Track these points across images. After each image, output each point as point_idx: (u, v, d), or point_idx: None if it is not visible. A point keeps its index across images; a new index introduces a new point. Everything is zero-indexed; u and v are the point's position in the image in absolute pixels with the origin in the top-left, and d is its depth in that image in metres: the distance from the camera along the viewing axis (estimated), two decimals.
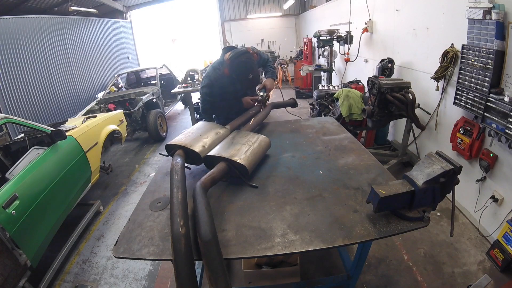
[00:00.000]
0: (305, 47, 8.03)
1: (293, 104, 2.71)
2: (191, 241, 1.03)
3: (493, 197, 2.32)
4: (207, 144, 1.70)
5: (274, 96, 5.30)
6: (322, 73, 6.60)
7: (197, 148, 1.64)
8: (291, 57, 9.75)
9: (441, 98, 2.94)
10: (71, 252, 2.75)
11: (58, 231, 2.52)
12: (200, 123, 1.98)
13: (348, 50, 5.14)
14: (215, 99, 2.32)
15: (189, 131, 1.84)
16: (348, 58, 5.11)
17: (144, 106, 5.31)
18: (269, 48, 10.53)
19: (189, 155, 1.66)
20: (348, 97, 3.58)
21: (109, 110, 5.08)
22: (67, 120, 3.79)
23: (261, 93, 2.43)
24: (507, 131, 2.01)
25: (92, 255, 2.75)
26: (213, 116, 2.59)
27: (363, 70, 4.94)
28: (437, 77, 2.80)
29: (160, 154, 1.90)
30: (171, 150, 1.71)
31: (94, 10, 7.72)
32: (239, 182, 1.56)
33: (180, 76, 7.06)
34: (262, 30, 10.56)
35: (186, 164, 1.58)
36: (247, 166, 1.52)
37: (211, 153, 1.62)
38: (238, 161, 1.52)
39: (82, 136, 3.13)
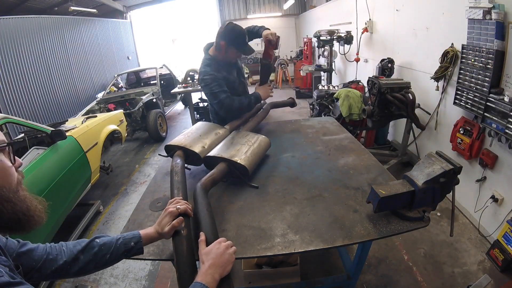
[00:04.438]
0: (305, 47, 8.03)
1: (292, 104, 2.71)
2: (192, 243, 1.03)
3: (493, 197, 2.31)
4: (207, 144, 1.70)
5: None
6: (322, 73, 6.60)
7: (197, 148, 1.64)
8: (291, 57, 9.75)
9: (441, 98, 2.94)
10: None
11: (58, 231, 2.52)
12: (200, 123, 1.98)
13: (358, 51, 5.06)
14: (228, 94, 2.03)
15: (188, 132, 1.83)
16: (358, 58, 5.06)
17: (144, 106, 5.30)
18: None
19: (189, 156, 1.65)
20: (348, 97, 3.58)
21: (109, 110, 5.07)
22: (67, 120, 3.79)
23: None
24: (507, 131, 2.00)
25: None
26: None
27: (363, 70, 4.94)
28: (437, 77, 2.80)
29: (159, 155, 1.89)
30: (171, 151, 1.70)
31: (94, 10, 7.72)
32: (240, 183, 1.56)
33: (180, 76, 7.06)
34: None
35: (185, 165, 1.58)
36: (247, 166, 1.52)
37: (211, 153, 1.61)
38: (238, 161, 1.52)
39: (82, 136, 3.13)
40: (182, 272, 0.94)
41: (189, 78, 6.03)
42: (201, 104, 6.45)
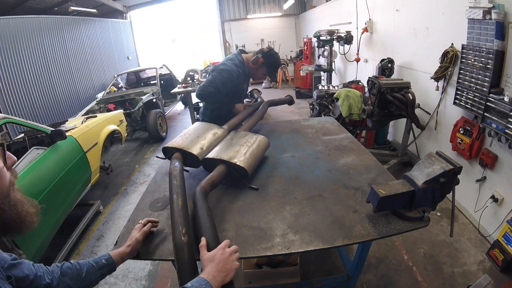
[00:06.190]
0: (305, 47, 8.03)
1: (290, 102, 2.70)
2: (194, 249, 1.01)
3: (493, 197, 2.31)
4: (205, 146, 1.66)
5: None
6: (322, 73, 6.60)
7: (195, 150, 1.60)
8: (291, 57, 9.75)
9: (441, 98, 2.94)
10: (71, 252, 2.75)
11: (58, 231, 2.52)
12: (197, 124, 1.94)
13: (358, 51, 5.07)
14: (221, 91, 2.15)
15: (186, 133, 1.80)
16: (358, 58, 5.05)
17: (144, 106, 5.31)
18: None
19: (187, 158, 1.62)
20: (348, 97, 3.58)
21: (109, 110, 5.08)
22: (67, 120, 3.79)
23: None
24: (507, 131, 2.00)
25: (92, 255, 2.75)
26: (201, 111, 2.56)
27: (363, 70, 4.94)
28: (437, 77, 2.80)
29: (157, 157, 1.88)
30: (168, 153, 1.67)
31: (94, 10, 7.72)
32: (239, 184, 1.55)
33: (180, 76, 7.07)
34: (262, 30, 10.56)
35: (184, 167, 1.56)
36: (247, 168, 1.51)
37: (210, 155, 1.59)
38: (237, 163, 1.50)
39: (82, 136, 3.13)
40: (184, 279, 0.89)
41: (189, 78, 6.02)
42: (201, 104, 6.45)
